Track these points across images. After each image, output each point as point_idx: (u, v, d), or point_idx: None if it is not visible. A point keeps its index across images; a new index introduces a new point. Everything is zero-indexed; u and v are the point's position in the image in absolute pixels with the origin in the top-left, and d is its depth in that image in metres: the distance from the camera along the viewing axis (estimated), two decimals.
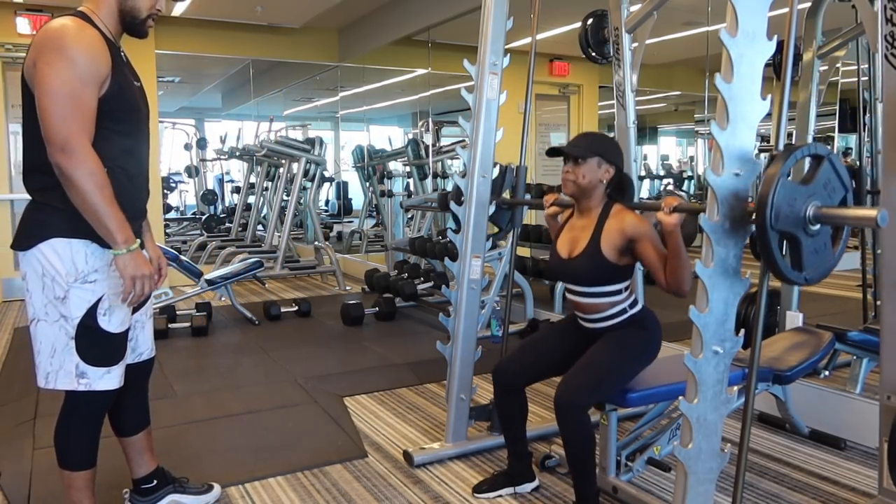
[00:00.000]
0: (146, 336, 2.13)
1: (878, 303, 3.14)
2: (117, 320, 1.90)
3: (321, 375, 3.80)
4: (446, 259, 3.04)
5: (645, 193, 7.78)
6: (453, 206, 2.83)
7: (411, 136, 8.12)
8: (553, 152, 2.30)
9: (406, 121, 9.33)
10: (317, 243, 7.23)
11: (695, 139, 7.52)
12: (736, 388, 2.08)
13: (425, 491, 2.48)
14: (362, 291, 6.35)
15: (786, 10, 1.74)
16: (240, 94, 9.37)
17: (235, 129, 9.73)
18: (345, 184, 9.66)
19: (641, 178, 7.65)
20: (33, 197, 1.86)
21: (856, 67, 3.70)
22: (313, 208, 7.99)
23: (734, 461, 1.83)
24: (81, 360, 1.86)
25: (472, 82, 2.74)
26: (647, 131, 8.31)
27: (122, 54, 1.92)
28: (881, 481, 1.84)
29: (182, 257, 5.14)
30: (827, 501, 2.38)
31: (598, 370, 2.15)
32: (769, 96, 1.78)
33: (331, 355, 4.32)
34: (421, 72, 7.41)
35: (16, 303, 6.06)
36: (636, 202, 2.28)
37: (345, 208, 9.59)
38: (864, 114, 3.66)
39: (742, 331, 1.90)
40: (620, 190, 2.26)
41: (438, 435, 2.96)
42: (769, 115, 1.85)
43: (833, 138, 4.87)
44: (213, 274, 5.14)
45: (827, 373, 3.35)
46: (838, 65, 3.64)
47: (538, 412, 3.23)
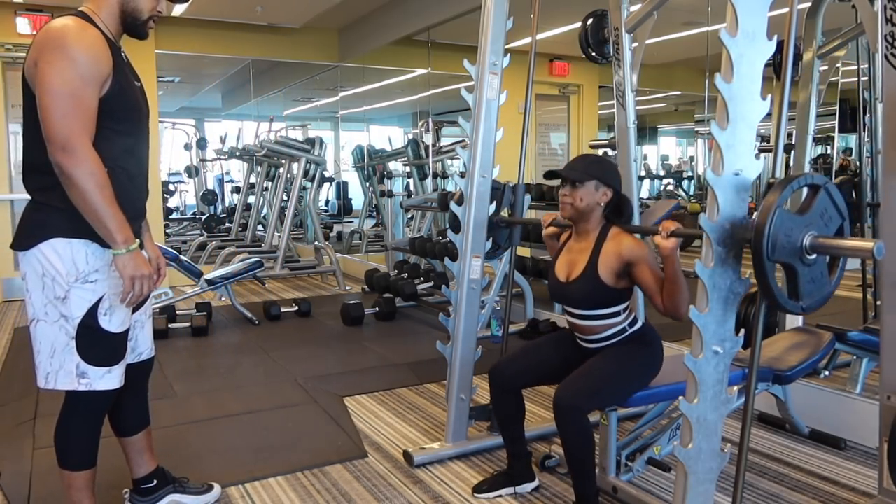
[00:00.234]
0: (146, 336, 2.13)
1: (878, 303, 3.14)
2: (118, 320, 1.91)
3: (321, 375, 3.80)
4: (446, 259, 3.04)
5: (645, 193, 7.78)
6: (453, 206, 2.84)
7: (411, 136, 8.12)
8: (551, 175, 2.30)
9: (406, 121, 9.33)
10: (317, 243, 7.23)
11: (695, 139, 7.51)
12: (736, 388, 2.08)
13: (425, 491, 2.48)
14: (362, 291, 6.35)
15: (786, 10, 1.74)
16: (240, 94, 9.37)
17: (235, 129, 9.74)
18: (345, 184, 9.66)
19: (641, 178, 7.64)
20: (33, 197, 1.86)
21: (856, 67, 3.70)
22: (313, 208, 7.99)
23: (734, 461, 1.83)
24: (82, 359, 1.86)
25: (472, 82, 2.74)
26: (647, 131, 8.30)
27: (123, 54, 1.92)
28: (881, 481, 1.84)
29: (182, 257, 5.13)
30: (827, 501, 2.39)
31: (599, 378, 2.16)
32: (769, 96, 1.78)
33: (331, 355, 4.32)
34: (421, 72, 7.41)
35: (16, 303, 6.06)
36: (634, 226, 2.28)
37: (345, 208, 9.59)
38: (864, 114, 3.66)
39: (742, 331, 1.91)
40: (618, 212, 2.26)
41: (438, 435, 2.97)
42: (769, 115, 1.85)
43: (833, 138, 4.86)
44: (213, 274, 5.14)
45: (827, 373, 3.35)
46: (838, 65, 3.63)
47: (538, 412, 3.23)
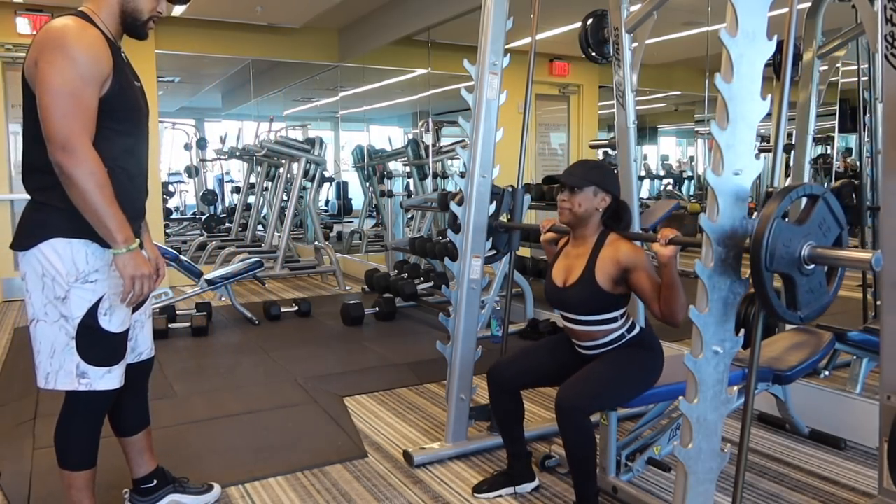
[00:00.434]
0: (145, 336, 2.13)
1: (878, 303, 3.14)
2: (118, 320, 1.91)
3: (321, 375, 3.80)
4: (446, 259, 3.04)
5: (645, 193, 7.77)
6: (453, 206, 2.84)
7: (411, 136, 8.12)
8: (549, 181, 2.30)
9: (406, 121, 9.33)
10: (317, 243, 7.23)
11: (695, 139, 7.51)
12: (736, 388, 2.08)
13: (425, 491, 2.48)
14: (362, 291, 6.35)
15: (786, 10, 1.74)
16: (240, 94, 9.37)
17: (235, 129, 9.73)
18: (345, 184, 9.66)
19: (641, 178, 7.64)
20: (33, 196, 1.86)
21: (856, 67, 3.70)
22: (313, 208, 7.99)
23: (734, 461, 1.83)
24: (82, 359, 1.86)
25: (472, 82, 2.74)
26: (647, 131, 8.30)
27: (123, 54, 1.92)
28: (881, 481, 1.84)
29: (182, 257, 5.13)
30: (827, 501, 2.39)
31: (600, 382, 2.15)
32: (769, 96, 1.78)
33: (331, 355, 4.32)
34: (421, 72, 7.41)
35: (16, 303, 6.06)
36: (632, 233, 2.28)
37: (345, 208, 9.58)
38: (864, 114, 3.65)
39: (742, 331, 1.90)
40: (617, 218, 2.26)
41: (438, 435, 2.97)
42: (769, 115, 1.85)
43: (833, 138, 4.86)
44: (213, 274, 5.14)
45: (827, 373, 3.35)
46: (838, 65, 3.63)
47: (538, 412, 3.23)
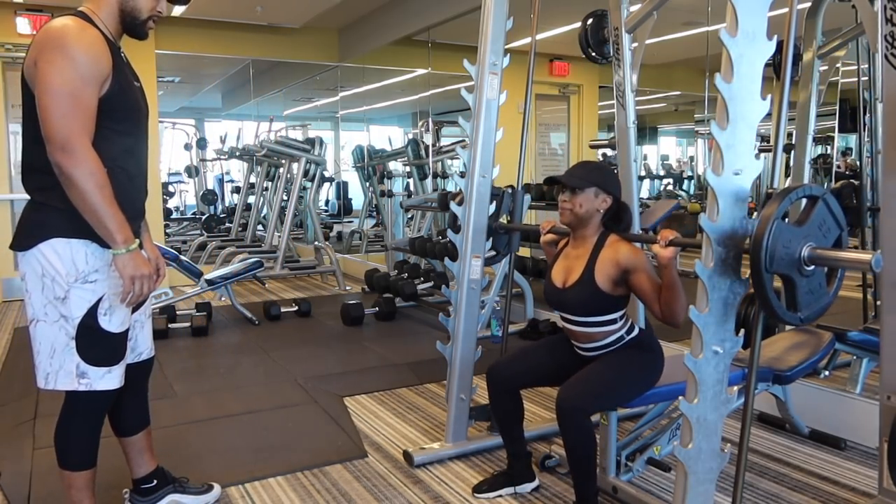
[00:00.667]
0: (145, 336, 2.13)
1: (878, 303, 3.14)
2: (118, 320, 1.91)
3: (321, 375, 3.80)
4: (446, 259, 3.04)
5: (645, 193, 7.78)
6: (453, 206, 2.84)
7: (411, 136, 8.12)
8: (551, 181, 2.30)
9: (406, 121, 9.33)
10: (317, 243, 7.22)
11: (695, 139, 7.51)
12: (736, 388, 2.08)
13: (425, 491, 2.48)
14: (362, 291, 6.35)
15: (786, 10, 1.74)
16: (240, 94, 9.37)
17: (235, 129, 9.73)
18: (345, 184, 9.65)
19: (641, 179, 7.64)
20: (33, 197, 1.86)
21: (856, 67, 3.70)
22: (313, 208, 7.98)
23: (734, 461, 1.84)
24: (82, 360, 1.86)
25: (472, 82, 2.74)
26: (647, 131, 8.30)
27: (123, 54, 1.92)
28: (881, 481, 1.84)
29: (182, 257, 5.13)
30: (827, 501, 2.39)
31: (600, 382, 2.16)
32: (769, 96, 1.78)
33: (331, 355, 4.32)
34: (421, 72, 7.41)
35: (16, 303, 6.06)
36: (632, 234, 2.29)
37: (345, 208, 9.58)
38: (864, 114, 3.65)
39: (742, 331, 1.90)
40: (617, 220, 2.26)
41: (438, 435, 2.97)
42: (769, 115, 1.85)
43: (833, 138, 4.86)
44: (213, 274, 5.14)
45: (827, 373, 3.35)
46: (838, 65, 3.63)
47: (538, 412, 3.23)
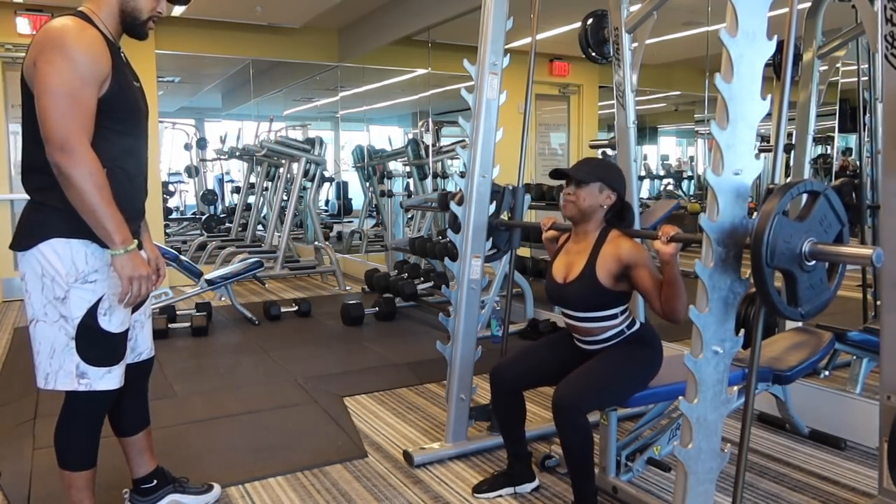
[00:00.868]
0: (145, 336, 2.13)
1: (878, 303, 3.14)
2: (118, 320, 1.91)
3: (321, 375, 3.80)
4: (446, 259, 3.04)
5: (645, 193, 7.78)
6: (453, 206, 2.83)
7: (411, 136, 8.12)
8: (557, 174, 2.30)
9: (406, 121, 9.33)
10: (317, 243, 7.22)
11: (695, 139, 7.51)
12: (736, 388, 2.08)
13: (425, 491, 2.48)
14: (362, 291, 6.35)
15: (786, 10, 1.74)
16: (240, 94, 9.37)
17: (235, 129, 9.74)
18: (345, 184, 9.66)
19: (641, 178, 7.65)
20: (32, 197, 1.86)
21: (856, 67, 3.70)
22: (313, 208, 7.98)
23: (734, 461, 1.83)
24: (82, 360, 1.86)
25: (472, 82, 2.74)
26: (647, 131, 8.31)
27: (122, 55, 1.92)
28: (881, 481, 1.84)
29: (182, 257, 5.13)
30: (827, 501, 2.39)
31: (598, 378, 2.16)
32: (769, 96, 1.78)
33: (331, 355, 4.32)
34: (421, 72, 7.41)
35: (16, 303, 6.06)
36: (633, 230, 2.29)
37: (345, 208, 9.58)
38: (864, 114, 3.65)
39: (742, 331, 1.90)
40: (620, 217, 2.26)
41: (438, 435, 2.96)
42: (769, 115, 1.85)
43: (833, 138, 4.86)
44: (213, 274, 5.14)
45: (827, 373, 3.35)
46: (838, 65, 3.63)
47: (538, 412, 3.23)
